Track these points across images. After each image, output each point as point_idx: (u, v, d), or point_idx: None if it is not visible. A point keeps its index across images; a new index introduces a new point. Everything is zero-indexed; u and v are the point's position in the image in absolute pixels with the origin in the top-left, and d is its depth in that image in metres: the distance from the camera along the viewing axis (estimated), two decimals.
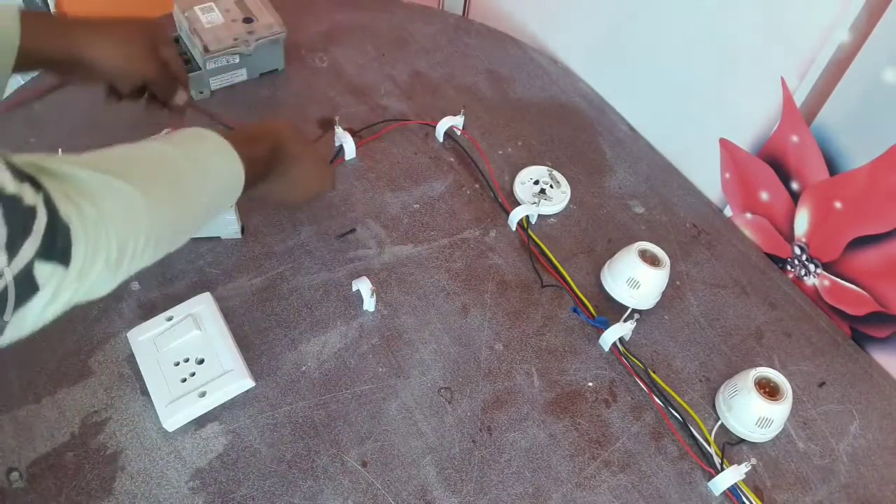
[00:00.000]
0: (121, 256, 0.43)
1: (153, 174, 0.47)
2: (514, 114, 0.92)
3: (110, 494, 0.57)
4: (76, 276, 0.40)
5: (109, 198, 0.42)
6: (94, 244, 0.40)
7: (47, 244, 0.37)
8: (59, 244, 0.38)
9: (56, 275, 0.38)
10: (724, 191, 0.84)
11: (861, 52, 0.63)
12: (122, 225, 0.43)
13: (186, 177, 0.50)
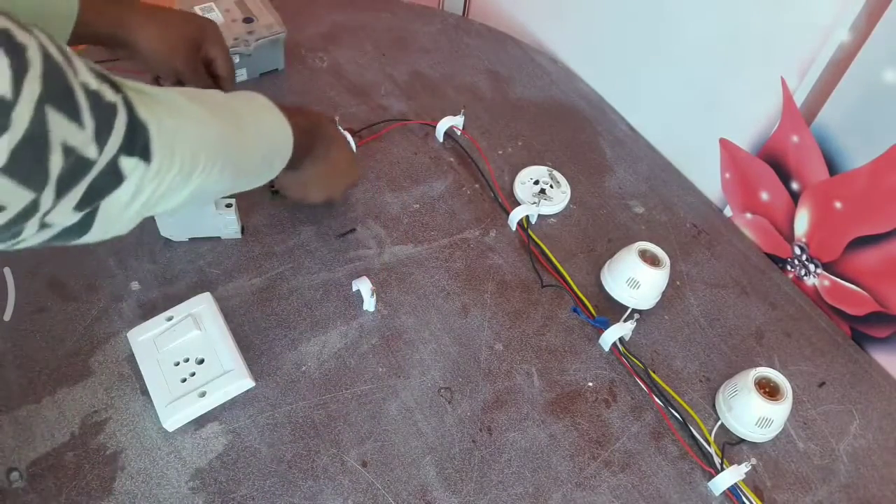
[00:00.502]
0: (193, 164, 0.46)
1: (217, 105, 0.51)
2: (514, 114, 0.92)
3: (110, 494, 0.57)
4: (155, 174, 0.43)
5: (182, 111, 0.46)
6: (171, 147, 0.43)
7: (129, 139, 0.40)
8: (140, 141, 0.41)
9: (138, 169, 0.41)
10: (724, 191, 0.84)
11: (861, 52, 0.63)
12: (193, 136, 0.46)
13: (245, 118, 0.53)
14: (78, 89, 0.37)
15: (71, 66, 0.37)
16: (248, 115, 0.54)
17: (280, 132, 0.57)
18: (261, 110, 0.56)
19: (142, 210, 0.46)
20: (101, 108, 0.38)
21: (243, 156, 0.52)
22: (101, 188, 0.40)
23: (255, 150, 0.54)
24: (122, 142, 0.40)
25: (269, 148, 0.56)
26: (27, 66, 0.33)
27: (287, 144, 0.57)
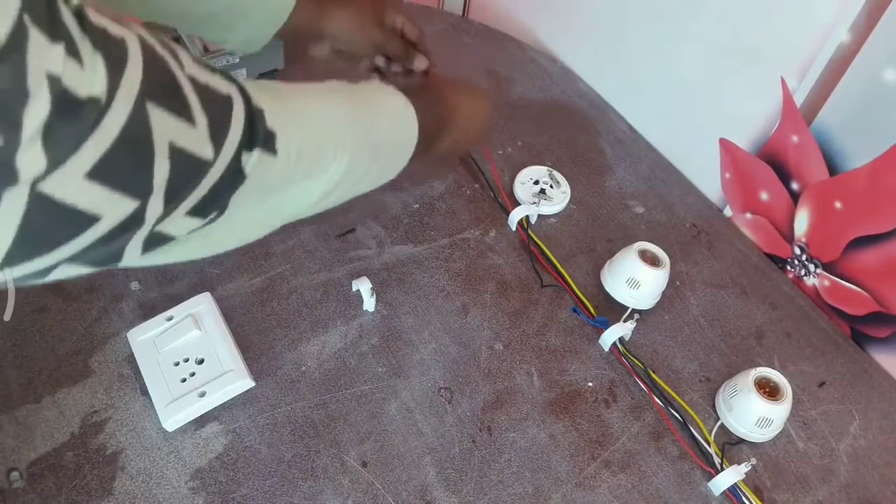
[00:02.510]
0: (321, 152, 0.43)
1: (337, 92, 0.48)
2: (514, 114, 0.92)
3: (110, 494, 0.57)
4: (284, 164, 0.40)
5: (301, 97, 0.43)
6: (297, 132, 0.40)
7: (250, 132, 0.37)
8: (261, 132, 0.37)
9: (263, 162, 0.38)
10: (724, 191, 0.84)
11: (861, 52, 0.63)
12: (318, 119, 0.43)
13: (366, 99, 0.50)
14: (185, 83, 0.33)
15: (177, 60, 0.33)
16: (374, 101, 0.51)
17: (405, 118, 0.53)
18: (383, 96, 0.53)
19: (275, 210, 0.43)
20: (214, 102, 0.35)
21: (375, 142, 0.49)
22: (222, 190, 0.36)
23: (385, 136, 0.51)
24: (241, 135, 0.36)
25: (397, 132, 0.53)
26: (125, 62, 0.30)
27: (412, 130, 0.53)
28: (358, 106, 0.49)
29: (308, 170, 0.42)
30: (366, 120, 0.49)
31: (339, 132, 0.45)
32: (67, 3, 0.28)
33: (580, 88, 0.98)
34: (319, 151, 0.42)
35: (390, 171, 0.53)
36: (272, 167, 0.39)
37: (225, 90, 0.36)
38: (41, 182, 0.27)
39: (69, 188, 0.28)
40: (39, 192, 0.28)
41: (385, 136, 0.51)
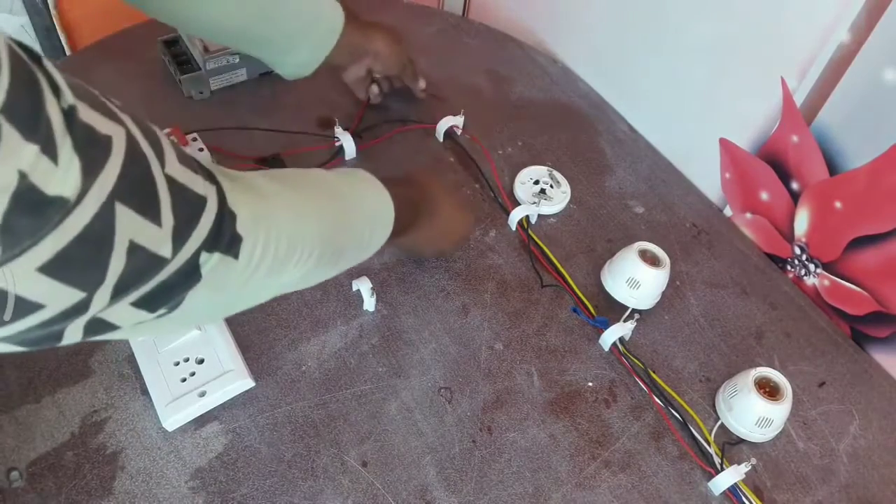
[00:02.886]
0: (289, 253, 0.43)
1: (317, 188, 0.49)
2: (514, 114, 0.92)
3: (110, 494, 0.57)
4: (242, 269, 0.40)
5: (279, 198, 0.43)
6: (265, 236, 0.40)
7: (215, 235, 0.37)
8: (226, 235, 0.38)
9: (222, 264, 0.38)
10: (724, 191, 0.84)
11: (861, 52, 0.63)
12: (290, 222, 0.43)
13: (346, 198, 0.52)
14: (161, 183, 0.33)
15: (160, 157, 0.34)
16: (350, 193, 0.53)
17: (382, 207, 0.55)
18: (362, 185, 0.55)
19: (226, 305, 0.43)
20: (187, 203, 0.35)
21: (344, 238, 0.50)
22: (172, 286, 0.36)
23: (355, 230, 0.52)
24: (205, 237, 0.36)
25: (370, 224, 0.54)
26: (105, 162, 0.30)
27: (389, 218, 0.55)
28: (336, 203, 0.50)
29: (270, 271, 0.42)
30: (341, 219, 0.50)
31: (311, 235, 0.45)
32: (59, 100, 0.28)
33: (580, 88, 0.98)
34: (286, 255, 0.43)
35: (358, 259, 0.55)
36: (232, 269, 0.39)
37: (202, 191, 0.36)
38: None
39: (18, 278, 0.28)
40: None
41: (357, 233, 0.52)
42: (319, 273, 0.49)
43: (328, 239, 0.48)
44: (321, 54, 0.72)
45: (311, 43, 0.71)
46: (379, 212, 0.55)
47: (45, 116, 0.27)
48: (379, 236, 0.55)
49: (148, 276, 0.34)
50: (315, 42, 0.71)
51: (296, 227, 0.44)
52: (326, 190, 0.50)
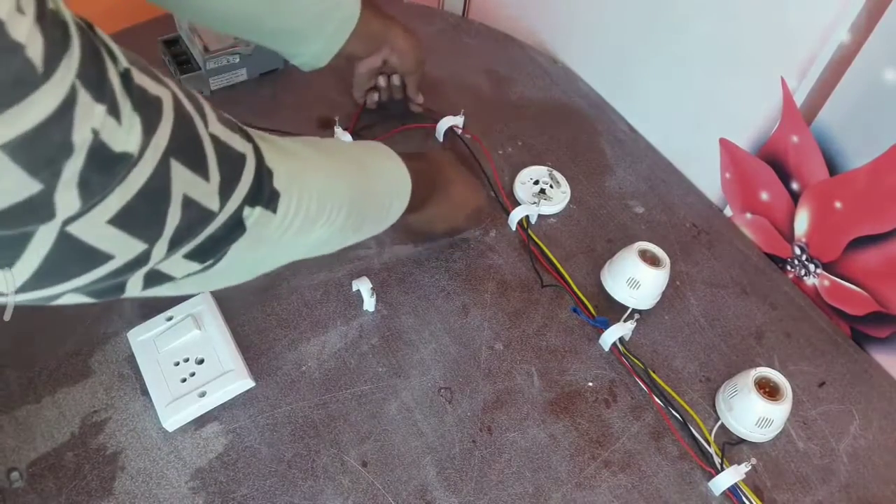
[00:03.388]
0: (319, 212, 0.46)
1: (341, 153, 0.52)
2: (514, 114, 0.92)
3: (110, 494, 0.57)
4: (279, 223, 0.42)
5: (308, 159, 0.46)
6: (298, 194, 0.43)
7: (255, 190, 0.40)
8: (266, 190, 0.41)
9: (263, 218, 0.41)
10: (724, 191, 0.84)
11: (861, 52, 0.63)
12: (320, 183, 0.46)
13: (367, 165, 0.54)
14: (207, 141, 0.37)
15: (203, 118, 0.37)
16: (371, 162, 0.55)
17: (400, 178, 0.57)
18: (381, 157, 0.56)
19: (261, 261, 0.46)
20: (230, 160, 0.38)
21: (367, 203, 0.52)
22: (219, 239, 0.39)
23: (377, 197, 0.54)
24: (247, 192, 0.39)
25: (389, 194, 0.56)
26: (159, 121, 0.33)
27: (406, 189, 0.57)
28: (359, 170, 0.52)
29: (301, 228, 0.45)
30: (364, 184, 0.52)
31: (338, 196, 0.48)
32: (116, 65, 0.31)
33: (580, 88, 0.98)
34: (316, 213, 0.46)
35: (376, 229, 0.57)
36: (270, 223, 0.42)
37: (241, 149, 0.39)
38: (70, 224, 0.31)
39: (91, 231, 0.32)
40: (67, 231, 0.31)
41: (378, 199, 0.55)
42: (342, 237, 0.51)
43: (353, 202, 0.49)
44: (336, 45, 0.70)
45: (326, 33, 0.69)
46: (397, 183, 0.57)
47: (108, 79, 0.30)
48: (396, 208, 0.57)
49: (199, 230, 0.37)
50: (330, 32, 0.69)
51: (325, 187, 0.46)
52: (350, 156, 0.53)
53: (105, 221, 0.32)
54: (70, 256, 0.32)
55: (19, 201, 0.28)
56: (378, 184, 0.55)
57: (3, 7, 0.25)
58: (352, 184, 0.50)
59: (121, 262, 0.34)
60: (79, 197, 0.30)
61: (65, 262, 0.32)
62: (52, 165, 0.28)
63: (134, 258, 0.35)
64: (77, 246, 0.32)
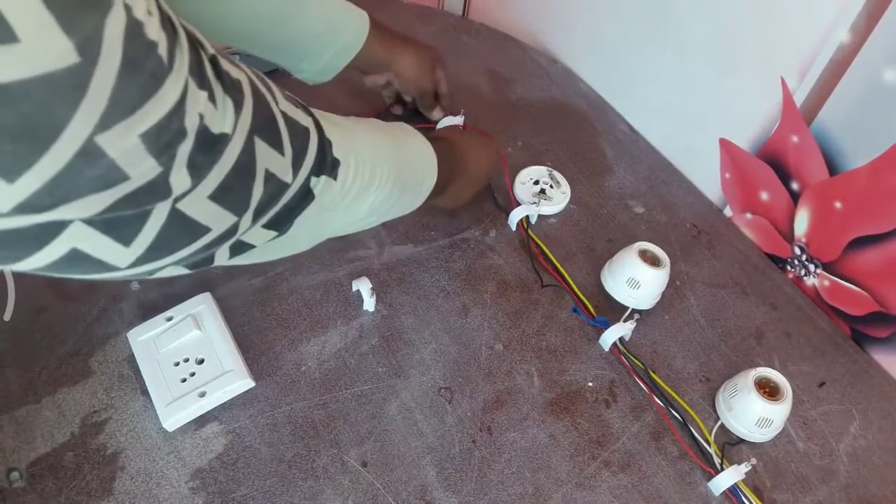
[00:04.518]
0: (371, 178, 0.49)
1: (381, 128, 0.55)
2: (514, 114, 0.92)
3: (110, 494, 0.57)
4: (339, 189, 0.46)
5: (356, 132, 0.50)
6: (354, 162, 0.47)
7: (319, 160, 0.44)
8: (328, 160, 0.45)
9: (327, 186, 0.45)
10: (724, 191, 0.84)
11: (861, 52, 0.63)
12: (369, 152, 0.50)
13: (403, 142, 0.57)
14: (280, 117, 0.40)
15: (273, 96, 0.40)
16: (403, 139, 0.57)
17: (428, 156, 0.60)
18: (410, 135, 0.59)
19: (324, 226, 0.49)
20: (298, 134, 0.42)
21: (407, 174, 0.56)
22: (293, 208, 0.43)
23: (413, 171, 0.57)
24: (313, 163, 0.43)
25: (422, 170, 0.59)
26: (243, 102, 0.36)
27: (433, 167, 0.60)
28: (396, 143, 0.55)
29: (358, 193, 0.49)
30: (402, 156, 0.55)
31: (385, 164, 0.51)
32: (206, 52, 0.34)
33: (580, 88, 0.98)
34: (369, 179, 0.49)
35: (413, 204, 0.60)
36: (332, 190, 0.46)
37: (305, 122, 0.43)
38: (179, 201, 0.34)
39: (195, 206, 0.35)
40: (176, 208, 0.34)
41: (414, 171, 0.58)
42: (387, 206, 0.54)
43: (398, 171, 0.53)
44: (338, 66, 0.72)
45: (329, 52, 0.70)
46: (426, 160, 0.60)
47: (204, 67, 0.33)
48: (427, 184, 0.60)
49: (276, 201, 0.41)
50: (334, 51, 0.70)
51: (374, 155, 0.50)
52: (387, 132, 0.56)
53: (206, 197, 0.35)
54: (177, 231, 0.36)
55: (145, 183, 0.31)
56: (412, 158, 0.58)
57: (139, 9, 0.28)
58: (393, 155, 0.53)
59: (216, 234, 0.38)
60: (189, 176, 0.33)
61: (173, 237, 0.36)
62: (170, 149, 0.31)
63: (226, 230, 0.39)
64: (183, 221, 0.35)
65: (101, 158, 0.28)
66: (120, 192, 0.30)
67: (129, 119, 0.28)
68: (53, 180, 0.28)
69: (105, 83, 0.27)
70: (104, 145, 0.28)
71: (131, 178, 0.30)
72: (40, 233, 0.31)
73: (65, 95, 0.26)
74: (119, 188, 0.30)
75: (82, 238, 0.32)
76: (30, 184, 0.27)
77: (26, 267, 0.33)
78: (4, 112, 0.25)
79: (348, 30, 0.70)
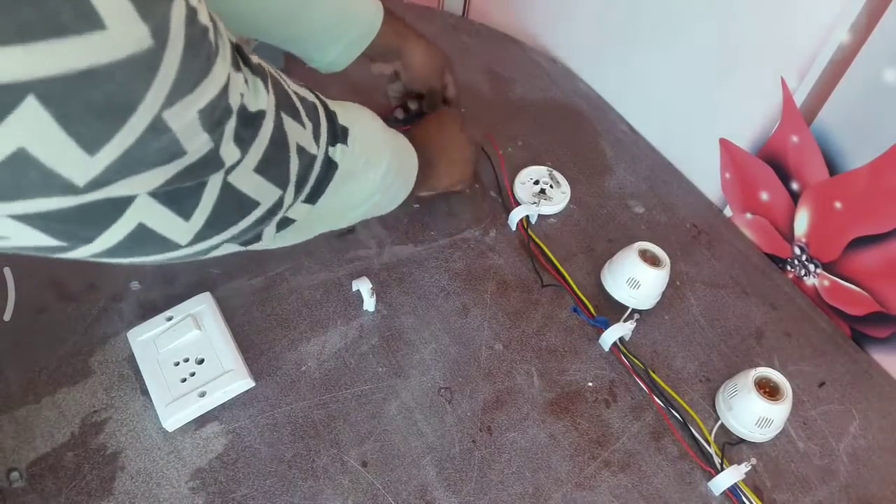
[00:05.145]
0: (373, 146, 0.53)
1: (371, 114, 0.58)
2: (514, 114, 0.92)
3: (110, 494, 0.57)
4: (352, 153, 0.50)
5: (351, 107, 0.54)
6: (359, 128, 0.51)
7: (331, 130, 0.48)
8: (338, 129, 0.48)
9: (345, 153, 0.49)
10: (724, 191, 0.84)
11: (861, 52, 0.63)
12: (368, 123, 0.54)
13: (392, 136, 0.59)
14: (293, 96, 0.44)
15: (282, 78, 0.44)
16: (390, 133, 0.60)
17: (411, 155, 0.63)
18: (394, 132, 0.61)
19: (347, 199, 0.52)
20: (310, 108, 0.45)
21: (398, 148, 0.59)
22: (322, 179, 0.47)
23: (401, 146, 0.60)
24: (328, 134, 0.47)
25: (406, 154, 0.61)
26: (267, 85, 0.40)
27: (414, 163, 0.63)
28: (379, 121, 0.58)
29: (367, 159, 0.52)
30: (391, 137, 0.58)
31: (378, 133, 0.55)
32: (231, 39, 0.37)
33: (580, 88, 0.98)
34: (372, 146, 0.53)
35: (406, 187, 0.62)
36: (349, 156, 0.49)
37: (312, 98, 0.47)
38: (230, 174, 0.38)
39: (244, 180, 0.39)
40: (227, 181, 0.38)
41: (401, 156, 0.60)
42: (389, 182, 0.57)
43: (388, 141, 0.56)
44: (354, 53, 0.70)
45: (343, 42, 0.69)
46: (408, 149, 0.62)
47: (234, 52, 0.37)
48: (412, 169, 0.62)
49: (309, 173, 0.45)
50: (347, 41, 0.69)
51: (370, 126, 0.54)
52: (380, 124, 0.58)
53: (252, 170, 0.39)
54: (230, 205, 0.39)
55: (200, 157, 0.35)
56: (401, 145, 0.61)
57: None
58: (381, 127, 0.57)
59: (264, 209, 0.42)
60: (237, 149, 0.37)
61: (226, 211, 0.39)
62: (220, 126, 0.35)
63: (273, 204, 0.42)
64: (235, 195, 0.39)
65: (165, 133, 0.31)
66: (180, 164, 0.34)
67: (189, 97, 0.32)
68: (126, 153, 0.30)
69: (172, 64, 0.30)
70: (169, 120, 0.31)
71: (188, 153, 0.34)
72: (111, 208, 0.34)
73: (141, 75, 0.29)
74: (179, 161, 0.34)
75: (147, 211, 0.35)
76: (108, 156, 0.30)
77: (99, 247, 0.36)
78: (94, 91, 0.28)
79: (362, 19, 0.69)
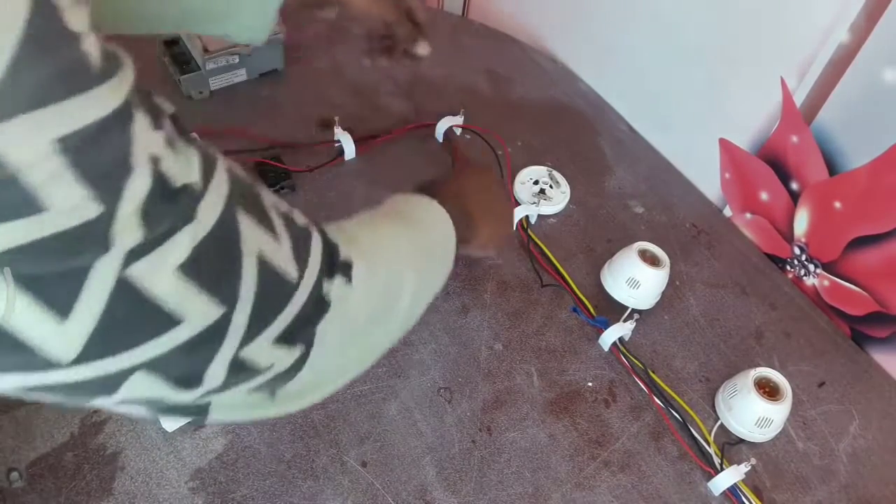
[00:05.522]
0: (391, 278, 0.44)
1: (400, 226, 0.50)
2: (513, 114, 0.92)
3: (110, 494, 0.57)
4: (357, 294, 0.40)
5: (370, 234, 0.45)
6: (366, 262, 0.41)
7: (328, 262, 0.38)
8: (339, 262, 0.39)
9: (345, 290, 0.39)
10: (724, 191, 0.84)
11: (861, 52, 0.63)
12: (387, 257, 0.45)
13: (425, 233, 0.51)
14: (269, 206, 0.35)
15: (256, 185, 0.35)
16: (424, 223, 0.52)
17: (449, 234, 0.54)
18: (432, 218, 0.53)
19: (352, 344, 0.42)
20: (295, 228, 0.36)
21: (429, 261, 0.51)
22: (306, 318, 0.36)
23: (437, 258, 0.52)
24: (321, 263, 0.37)
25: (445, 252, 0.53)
26: (214, 164, 0.31)
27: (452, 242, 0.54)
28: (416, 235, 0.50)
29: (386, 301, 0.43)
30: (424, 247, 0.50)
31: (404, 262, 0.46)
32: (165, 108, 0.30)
33: (580, 88, 0.98)
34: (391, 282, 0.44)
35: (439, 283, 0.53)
36: (351, 295, 0.39)
37: (303, 221, 0.37)
38: (131, 266, 0.27)
39: (157, 279, 0.28)
40: (127, 276, 0.27)
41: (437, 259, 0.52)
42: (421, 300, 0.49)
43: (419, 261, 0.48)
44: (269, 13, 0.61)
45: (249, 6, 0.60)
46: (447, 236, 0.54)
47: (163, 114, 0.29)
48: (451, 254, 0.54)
49: (281, 302, 0.34)
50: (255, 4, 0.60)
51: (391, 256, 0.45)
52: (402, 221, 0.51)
53: (173, 269, 0.28)
54: (133, 311, 0.28)
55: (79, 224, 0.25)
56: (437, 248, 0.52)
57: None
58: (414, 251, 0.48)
59: (193, 330, 0.30)
60: (141, 227, 0.27)
61: (127, 321, 0.28)
62: (110, 182, 0.26)
63: (209, 326, 0.30)
64: (140, 297, 0.28)
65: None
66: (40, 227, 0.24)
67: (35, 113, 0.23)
68: None
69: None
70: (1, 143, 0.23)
71: (49, 209, 0.24)
72: None
73: None
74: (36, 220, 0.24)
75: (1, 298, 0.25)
76: None
77: None
78: None
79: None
